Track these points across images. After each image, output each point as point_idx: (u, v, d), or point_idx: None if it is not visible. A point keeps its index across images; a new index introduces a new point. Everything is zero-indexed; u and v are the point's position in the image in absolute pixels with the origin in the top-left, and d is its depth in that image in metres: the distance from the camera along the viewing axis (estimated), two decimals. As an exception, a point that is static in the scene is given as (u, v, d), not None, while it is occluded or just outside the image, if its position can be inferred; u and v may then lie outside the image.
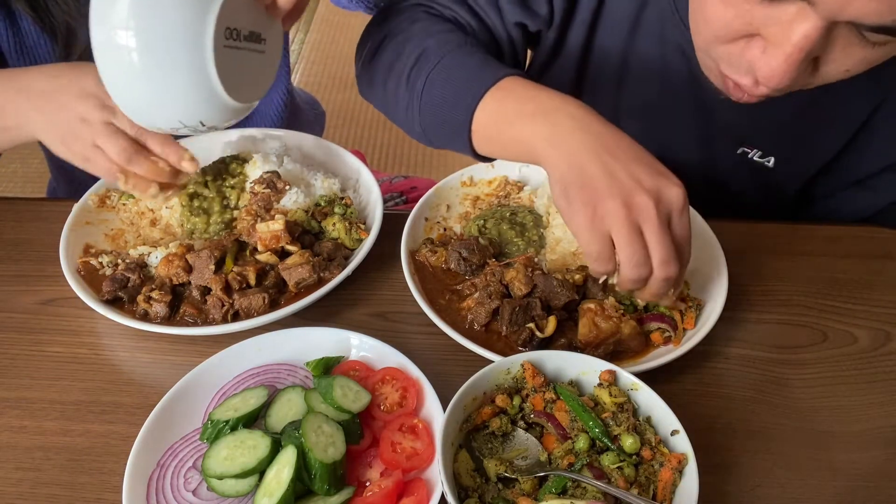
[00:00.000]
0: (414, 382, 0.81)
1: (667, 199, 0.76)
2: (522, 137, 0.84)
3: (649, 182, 0.76)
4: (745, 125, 1.05)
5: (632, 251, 0.75)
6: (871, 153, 1.02)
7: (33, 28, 1.15)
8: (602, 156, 0.78)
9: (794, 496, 0.78)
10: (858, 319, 0.96)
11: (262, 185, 1.04)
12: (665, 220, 0.76)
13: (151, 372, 0.89)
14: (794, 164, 1.07)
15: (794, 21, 0.67)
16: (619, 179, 0.76)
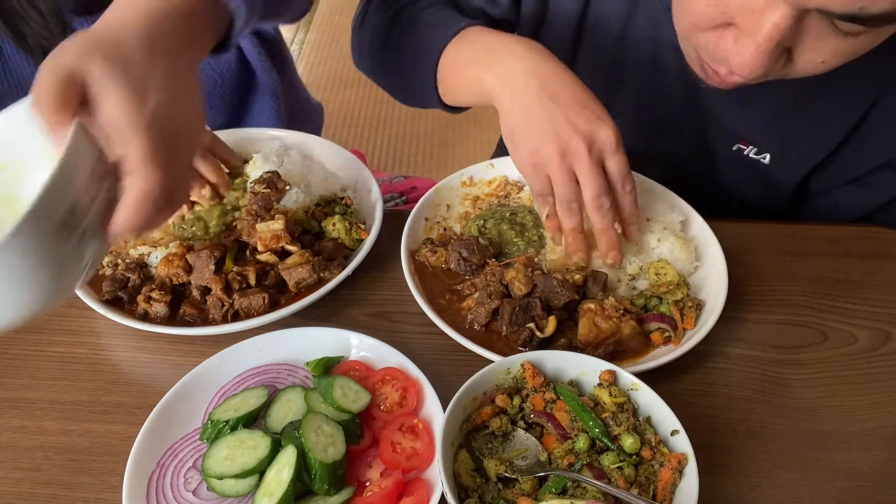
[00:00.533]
0: (414, 382, 0.81)
1: (599, 141, 0.84)
2: (476, 79, 0.92)
3: (584, 126, 0.84)
4: (740, 122, 1.06)
5: (562, 190, 0.85)
6: (869, 150, 1.02)
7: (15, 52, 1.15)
8: (544, 99, 0.85)
9: (794, 496, 0.78)
10: (858, 319, 0.96)
11: (262, 185, 1.04)
12: (597, 160, 0.84)
13: (151, 372, 0.89)
14: (789, 160, 1.07)
15: (766, 10, 0.69)
16: (556, 124, 0.84)
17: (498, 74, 0.89)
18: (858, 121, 1.00)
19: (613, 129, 0.85)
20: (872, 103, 0.98)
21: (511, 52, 0.89)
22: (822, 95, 0.99)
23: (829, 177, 1.08)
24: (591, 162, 0.84)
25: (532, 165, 0.87)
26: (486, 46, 0.93)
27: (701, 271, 0.97)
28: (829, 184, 1.10)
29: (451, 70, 0.97)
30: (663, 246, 0.97)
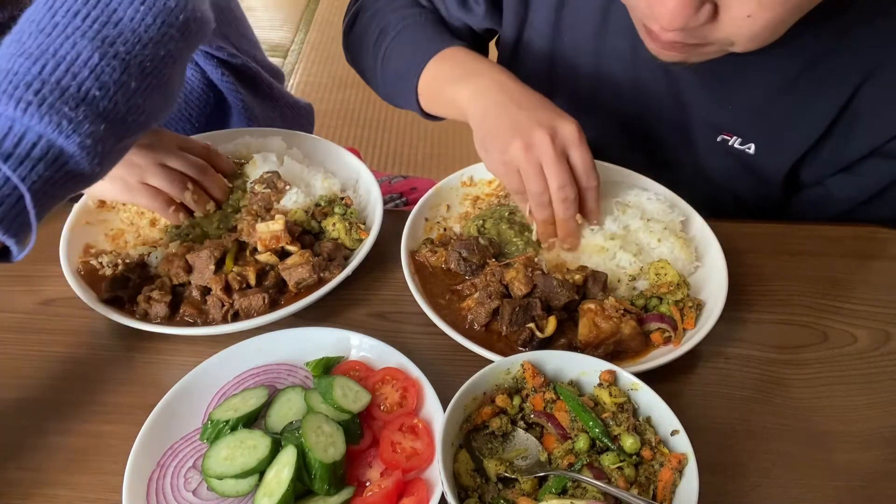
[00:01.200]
0: (414, 382, 0.81)
1: (562, 135, 0.90)
2: (452, 98, 1.01)
3: (546, 121, 0.90)
4: (720, 112, 1.06)
5: (532, 183, 0.91)
6: (856, 137, 1.02)
7: None
8: (510, 107, 0.93)
9: (794, 496, 0.78)
10: (858, 319, 0.96)
11: (262, 185, 1.04)
12: (561, 152, 0.90)
13: (151, 372, 0.89)
14: (775, 150, 1.07)
15: None
16: (521, 123, 0.91)
17: (471, 93, 0.98)
18: (842, 109, 0.99)
19: (575, 123, 0.90)
20: (855, 91, 0.97)
21: (481, 73, 0.99)
22: (804, 84, 0.99)
23: (819, 166, 1.08)
24: (554, 153, 0.89)
25: (503, 164, 0.93)
26: (462, 69, 1.02)
27: (701, 271, 0.97)
28: (819, 173, 1.09)
29: (431, 88, 1.06)
30: (663, 246, 0.97)
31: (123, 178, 0.96)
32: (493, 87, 0.96)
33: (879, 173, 1.05)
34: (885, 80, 0.95)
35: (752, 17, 0.75)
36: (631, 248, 0.97)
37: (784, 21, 0.77)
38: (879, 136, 1.00)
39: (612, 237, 0.97)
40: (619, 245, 0.96)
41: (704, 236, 1.00)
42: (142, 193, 0.98)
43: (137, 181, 0.97)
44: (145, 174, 0.97)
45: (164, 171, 0.98)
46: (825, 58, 0.95)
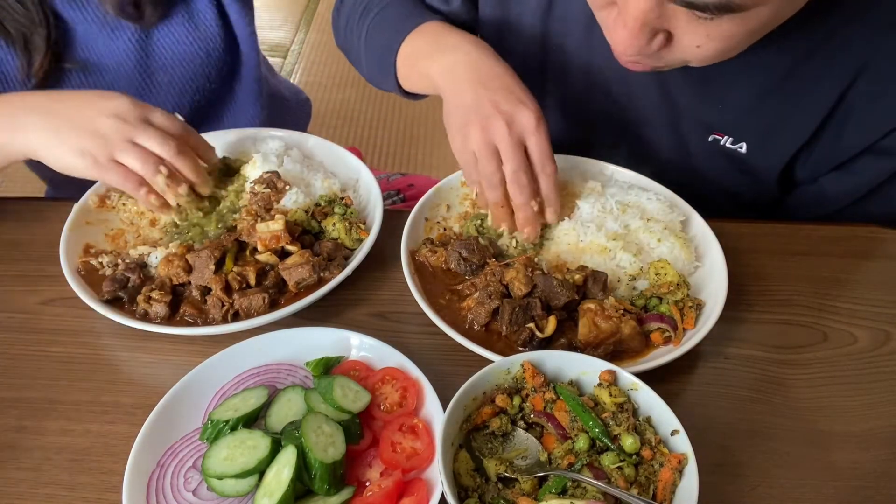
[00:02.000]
0: (414, 382, 0.81)
1: (519, 122, 0.90)
2: (426, 72, 1.01)
3: (506, 107, 0.91)
4: (709, 111, 1.06)
5: (484, 164, 0.92)
6: (849, 134, 1.02)
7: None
8: (476, 86, 0.93)
9: (794, 496, 0.78)
10: (858, 319, 0.96)
11: (262, 185, 1.04)
12: (517, 139, 0.91)
13: (151, 372, 0.89)
14: (766, 149, 1.07)
15: None
16: (482, 106, 0.91)
17: (441, 68, 0.98)
18: (833, 107, 0.99)
19: (535, 111, 0.91)
20: (846, 88, 0.97)
21: (455, 47, 0.99)
22: (794, 82, 0.99)
23: (813, 164, 1.08)
24: (510, 139, 0.90)
25: (461, 143, 0.95)
26: (435, 43, 1.03)
27: (701, 271, 0.97)
28: (813, 171, 1.10)
29: (407, 62, 1.07)
30: (663, 246, 0.97)
31: (93, 153, 0.92)
32: (463, 62, 0.96)
33: (873, 170, 1.05)
34: (875, 78, 0.95)
35: (700, 47, 0.78)
36: (631, 247, 0.97)
37: (734, 48, 0.80)
38: (872, 133, 1.00)
39: (613, 237, 0.97)
40: (620, 246, 0.96)
41: (704, 236, 1.00)
42: (113, 172, 0.93)
43: (107, 158, 0.92)
44: (115, 150, 0.92)
45: (135, 150, 0.93)
46: (815, 56, 0.95)
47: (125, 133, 0.93)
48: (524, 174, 0.92)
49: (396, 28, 1.08)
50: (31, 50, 1.15)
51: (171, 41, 1.27)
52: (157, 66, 1.28)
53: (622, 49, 0.81)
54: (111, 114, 0.93)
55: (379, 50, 1.11)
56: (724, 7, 0.70)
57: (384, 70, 1.10)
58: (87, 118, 0.92)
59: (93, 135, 0.92)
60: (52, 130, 0.92)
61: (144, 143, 0.94)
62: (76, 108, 0.94)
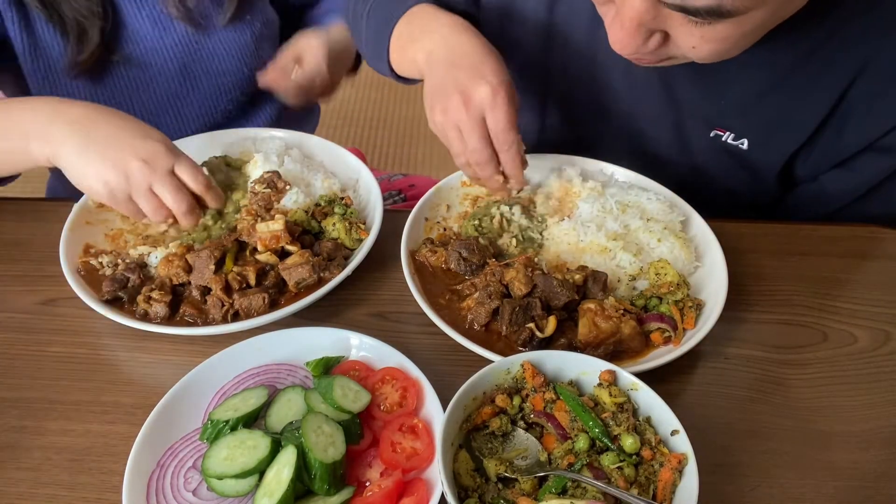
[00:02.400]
0: (414, 382, 0.81)
1: (476, 98, 0.91)
2: (412, 58, 1.03)
3: (465, 84, 0.92)
4: (712, 107, 1.06)
5: (451, 145, 0.95)
6: (850, 132, 1.02)
7: (47, 28, 1.16)
8: (447, 67, 0.95)
9: (794, 496, 0.78)
10: (858, 319, 0.96)
11: (262, 185, 1.04)
12: (476, 115, 0.92)
13: (151, 372, 0.89)
14: (768, 145, 1.07)
15: None
16: (446, 87, 0.93)
17: (424, 52, 0.99)
18: (835, 105, 0.99)
19: (492, 85, 0.91)
20: (848, 86, 0.97)
21: (438, 31, 1.00)
22: (795, 79, 0.99)
23: (814, 162, 1.08)
24: (467, 117, 0.91)
25: (434, 124, 0.96)
26: (422, 26, 1.03)
27: (701, 271, 0.97)
28: (813, 169, 1.10)
29: (397, 48, 1.08)
30: (663, 246, 0.97)
31: (113, 187, 0.93)
32: (441, 44, 0.98)
33: (874, 168, 1.05)
34: (876, 76, 0.95)
35: (696, 48, 0.79)
36: (631, 247, 0.97)
37: (731, 49, 0.80)
38: (873, 130, 1.00)
39: (613, 237, 0.97)
40: (620, 246, 0.96)
41: (704, 236, 1.00)
42: (125, 207, 0.95)
43: (125, 196, 0.94)
44: (134, 192, 0.94)
45: (152, 199, 0.94)
46: (817, 54, 0.95)
47: (148, 180, 0.94)
48: (480, 152, 0.93)
49: (391, 12, 1.09)
50: (85, 40, 1.17)
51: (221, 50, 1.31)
52: (201, 72, 1.32)
53: (619, 48, 0.82)
54: (142, 157, 0.93)
55: (375, 33, 1.12)
56: (715, 12, 0.71)
57: (378, 54, 1.12)
58: (119, 158, 0.93)
59: (118, 173, 0.92)
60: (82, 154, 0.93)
61: (161, 195, 0.95)
62: (112, 139, 0.94)
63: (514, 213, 1.04)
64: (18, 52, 1.18)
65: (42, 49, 1.19)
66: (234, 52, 1.33)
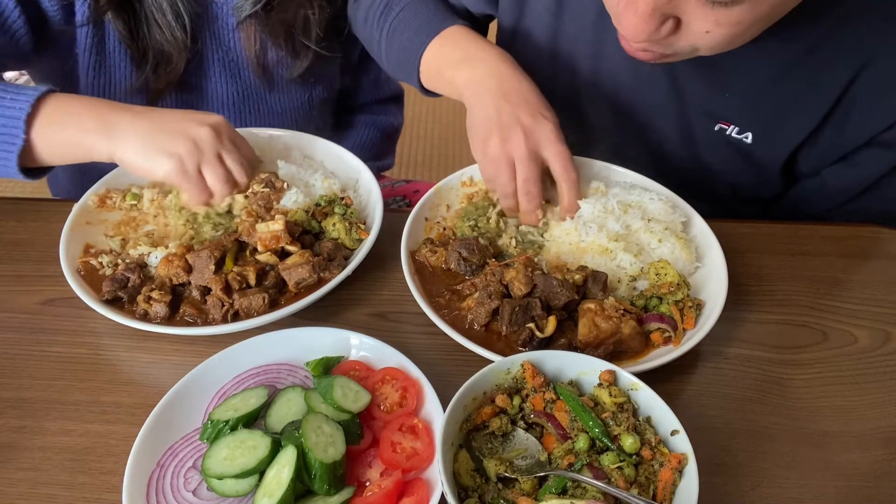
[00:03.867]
0: (414, 382, 0.81)
1: (537, 134, 0.96)
2: (451, 80, 1.06)
3: (525, 119, 0.96)
4: (717, 101, 1.06)
5: (500, 175, 0.98)
6: (853, 126, 1.02)
7: (119, 48, 1.19)
8: (499, 100, 0.98)
9: (794, 496, 0.78)
10: (858, 319, 0.96)
11: (260, 185, 1.04)
12: (532, 150, 0.96)
13: (151, 372, 0.89)
14: (772, 139, 1.07)
15: None
16: (503, 120, 0.97)
17: (468, 78, 1.03)
18: (838, 99, 1.00)
19: (554, 123, 0.97)
20: (850, 81, 0.98)
21: (481, 59, 1.03)
22: (798, 73, 0.99)
23: (816, 156, 1.08)
24: (526, 151, 0.95)
25: (482, 153, 0.99)
26: (463, 52, 1.06)
27: (701, 271, 0.97)
28: (816, 164, 1.10)
29: (432, 66, 1.10)
30: (664, 246, 0.97)
31: (183, 157, 0.94)
32: (488, 75, 1.01)
33: (875, 163, 1.05)
34: (881, 70, 0.95)
35: (710, 32, 0.79)
36: (632, 248, 0.97)
37: (742, 35, 0.80)
38: (876, 125, 1.00)
39: (615, 238, 0.97)
40: (621, 246, 0.96)
41: (705, 236, 1.00)
42: (194, 183, 0.97)
43: (195, 167, 0.96)
44: (204, 160, 0.96)
45: (220, 168, 0.98)
46: (820, 47, 0.96)
47: (217, 147, 0.97)
48: (534, 185, 0.97)
49: (420, 31, 1.11)
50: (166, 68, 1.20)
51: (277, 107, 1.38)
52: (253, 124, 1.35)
53: (632, 34, 0.82)
54: (209, 125, 0.98)
55: (402, 50, 1.14)
56: None
57: (407, 70, 1.14)
58: (185, 128, 0.96)
59: (188, 141, 0.95)
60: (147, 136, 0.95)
61: (229, 163, 0.99)
62: (174, 119, 0.98)
63: (508, 220, 1.04)
64: (81, 65, 1.20)
65: (108, 67, 1.22)
66: (288, 111, 1.38)
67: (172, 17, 1.16)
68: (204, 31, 1.24)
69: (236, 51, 1.28)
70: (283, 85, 1.35)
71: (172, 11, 1.16)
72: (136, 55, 1.19)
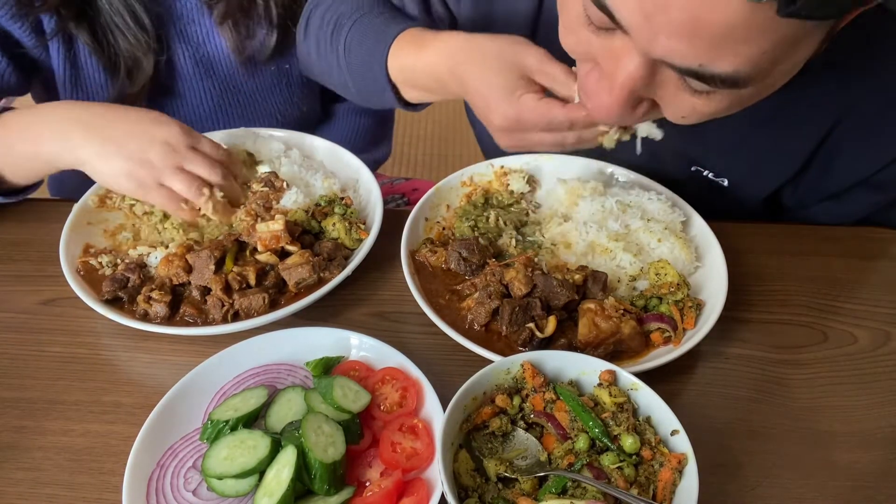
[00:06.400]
0: (414, 382, 0.81)
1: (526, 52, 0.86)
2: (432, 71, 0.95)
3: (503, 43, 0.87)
4: (692, 147, 1.04)
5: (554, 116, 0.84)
6: (837, 170, 1.01)
7: (90, 60, 1.20)
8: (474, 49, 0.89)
9: (795, 496, 0.78)
10: (858, 319, 0.96)
11: (260, 185, 1.04)
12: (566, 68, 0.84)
13: (151, 372, 0.89)
14: (749, 184, 1.06)
15: (622, 56, 0.68)
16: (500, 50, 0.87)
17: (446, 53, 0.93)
18: (818, 145, 0.98)
19: None
20: (831, 129, 0.96)
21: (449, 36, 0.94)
22: (776, 124, 0.97)
23: (801, 195, 1.08)
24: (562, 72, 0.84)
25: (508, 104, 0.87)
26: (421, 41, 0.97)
27: (701, 271, 0.97)
28: (802, 200, 1.09)
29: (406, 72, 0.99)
30: (664, 246, 0.97)
31: (140, 178, 0.95)
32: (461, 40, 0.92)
33: (866, 202, 1.06)
34: (861, 117, 0.94)
35: (685, 117, 0.74)
36: (631, 248, 0.97)
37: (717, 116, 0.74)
38: (864, 169, 1.00)
39: (614, 237, 0.97)
40: (621, 246, 0.96)
41: (705, 236, 1.00)
42: (157, 194, 0.97)
43: (154, 183, 0.96)
44: (162, 176, 0.96)
45: (182, 175, 0.97)
46: (801, 96, 0.93)
47: (173, 161, 0.96)
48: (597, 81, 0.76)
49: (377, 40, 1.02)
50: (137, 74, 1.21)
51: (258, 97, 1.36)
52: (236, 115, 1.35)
53: (603, 115, 0.74)
54: (162, 141, 0.96)
55: (364, 66, 1.05)
56: (730, 82, 0.64)
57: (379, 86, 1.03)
58: (138, 146, 0.95)
59: (142, 162, 0.95)
60: (102, 151, 0.95)
61: (193, 169, 0.98)
62: (128, 132, 0.96)
63: (507, 223, 1.04)
64: (59, 80, 1.21)
65: (84, 80, 1.22)
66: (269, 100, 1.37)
67: (131, 19, 1.16)
68: (170, 30, 1.24)
69: (206, 46, 1.27)
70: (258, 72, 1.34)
71: (129, 13, 1.16)
72: (108, 64, 1.19)
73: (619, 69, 0.69)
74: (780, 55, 0.62)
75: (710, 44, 0.60)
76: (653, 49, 0.64)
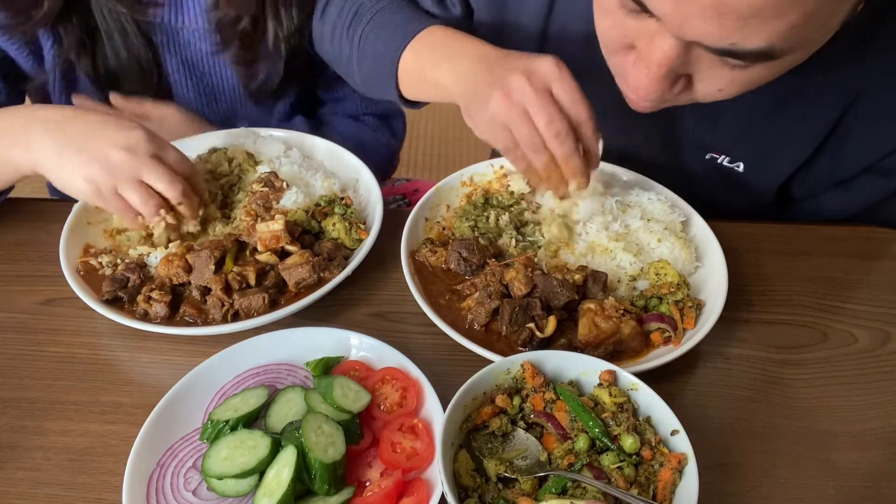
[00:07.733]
0: (414, 382, 0.81)
1: (539, 72, 0.83)
2: (435, 82, 0.97)
3: (519, 64, 0.84)
4: (708, 132, 1.05)
5: (519, 128, 0.83)
6: (848, 155, 1.01)
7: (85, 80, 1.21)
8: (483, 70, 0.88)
9: (794, 496, 0.78)
10: (858, 319, 0.96)
11: (260, 185, 1.04)
12: (542, 89, 0.82)
13: (151, 372, 0.89)
14: (764, 169, 1.06)
15: (657, 37, 0.71)
16: (495, 77, 0.85)
17: (454, 76, 0.93)
18: (832, 129, 0.99)
19: (552, 58, 0.84)
20: (844, 111, 0.97)
21: (462, 54, 0.94)
22: (791, 105, 0.98)
23: (811, 182, 1.08)
24: (534, 92, 0.82)
25: (488, 123, 0.86)
26: (442, 51, 0.97)
27: (701, 271, 0.97)
28: (811, 188, 1.09)
29: (412, 73, 1.01)
30: (664, 246, 0.97)
31: (97, 183, 0.91)
32: (474, 64, 0.91)
33: (873, 189, 1.06)
34: (874, 100, 0.95)
35: (722, 90, 0.76)
36: (631, 248, 0.97)
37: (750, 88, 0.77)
38: (872, 153, 1.00)
39: (616, 238, 0.97)
40: (621, 246, 0.96)
41: (705, 236, 1.00)
42: (112, 203, 0.93)
43: (111, 190, 0.92)
44: (119, 183, 0.92)
45: (139, 188, 0.92)
46: (815, 80, 0.94)
47: (133, 169, 0.91)
48: (560, 122, 0.83)
49: (395, 35, 1.03)
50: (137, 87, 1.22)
51: None
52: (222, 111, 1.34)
53: (643, 95, 0.77)
54: (123, 146, 0.91)
55: (376, 58, 1.06)
56: (764, 55, 0.66)
57: (384, 79, 1.05)
58: (98, 148, 0.91)
59: (101, 166, 0.90)
60: (61, 153, 0.91)
61: (152, 182, 0.93)
62: (89, 134, 0.92)
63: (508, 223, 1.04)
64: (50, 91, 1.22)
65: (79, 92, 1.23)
66: None
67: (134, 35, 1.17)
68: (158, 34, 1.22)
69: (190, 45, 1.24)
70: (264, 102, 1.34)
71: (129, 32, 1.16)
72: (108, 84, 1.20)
73: (654, 50, 0.72)
74: (813, 25, 0.64)
75: (738, 23, 0.63)
76: (684, 33, 0.67)
